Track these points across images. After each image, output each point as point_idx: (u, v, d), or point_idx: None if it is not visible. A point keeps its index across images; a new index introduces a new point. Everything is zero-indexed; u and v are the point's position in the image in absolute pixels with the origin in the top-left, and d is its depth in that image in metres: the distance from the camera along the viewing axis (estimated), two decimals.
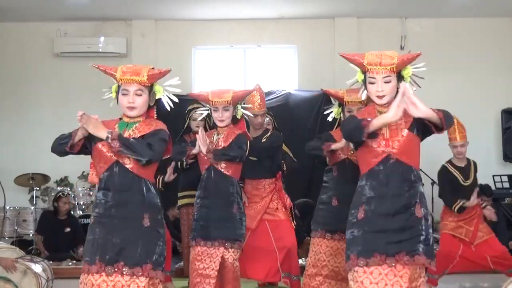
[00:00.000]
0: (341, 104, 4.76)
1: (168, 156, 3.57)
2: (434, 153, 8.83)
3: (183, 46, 10.02)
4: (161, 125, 3.39)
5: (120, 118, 3.46)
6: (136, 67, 3.40)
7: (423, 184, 3.42)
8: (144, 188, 3.32)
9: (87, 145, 3.38)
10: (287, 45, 10.15)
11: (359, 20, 9.90)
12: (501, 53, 10.03)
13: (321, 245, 4.93)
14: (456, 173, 6.06)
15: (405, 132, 3.26)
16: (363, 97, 3.55)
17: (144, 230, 3.27)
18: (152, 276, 3.24)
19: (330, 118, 4.89)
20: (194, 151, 4.57)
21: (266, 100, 8.42)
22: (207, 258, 4.53)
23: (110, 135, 3.16)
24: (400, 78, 3.34)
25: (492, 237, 6.07)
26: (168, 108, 3.57)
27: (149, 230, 3.28)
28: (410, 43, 9.89)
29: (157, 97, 3.49)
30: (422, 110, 3.04)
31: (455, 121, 6.03)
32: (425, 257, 3.19)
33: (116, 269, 3.20)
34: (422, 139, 3.34)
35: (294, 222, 6.32)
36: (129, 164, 3.27)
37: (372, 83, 3.30)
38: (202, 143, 4.42)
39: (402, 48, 9.87)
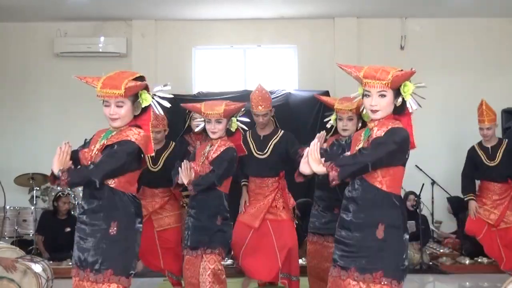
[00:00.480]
0: None
1: (141, 168, 3.61)
2: (434, 154, 8.88)
3: (183, 46, 10.02)
4: (131, 135, 3.39)
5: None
6: (117, 78, 3.39)
7: (401, 206, 3.36)
8: (116, 198, 3.38)
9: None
10: (287, 45, 10.16)
11: (359, 20, 9.91)
12: (501, 53, 10.04)
13: (307, 246, 5.22)
14: (481, 154, 6.16)
15: None
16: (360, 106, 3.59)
17: (109, 238, 3.34)
18: (113, 281, 3.30)
19: (328, 125, 4.90)
20: (179, 181, 4.67)
21: None
22: (192, 267, 4.70)
23: (61, 170, 3.29)
24: (399, 94, 3.29)
25: None
26: (157, 113, 3.61)
27: (115, 238, 3.34)
28: (410, 43, 9.93)
29: (144, 105, 3.49)
30: (314, 169, 3.21)
31: (484, 105, 6.22)
32: (383, 277, 3.15)
33: (85, 275, 3.33)
34: (401, 164, 3.28)
35: (296, 221, 6.35)
36: None
37: (367, 96, 3.29)
38: (184, 176, 4.55)
39: (402, 48, 9.90)
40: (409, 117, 3.36)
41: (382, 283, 3.13)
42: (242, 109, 4.92)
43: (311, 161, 3.20)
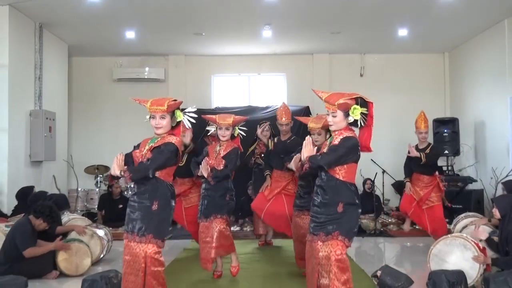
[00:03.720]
0: None
1: (177, 164, 3.52)
2: (384, 151, 8.88)
3: (205, 74, 10.02)
4: (172, 139, 3.40)
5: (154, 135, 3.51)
6: (161, 100, 3.42)
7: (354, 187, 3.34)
8: (158, 184, 3.36)
9: None
10: (279, 73, 10.13)
11: (331, 55, 9.91)
12: (432, 79, 10.05)
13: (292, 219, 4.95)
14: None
15: None
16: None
17: (151, 212, 3.33)
18: (152, 243, 3.33)
19: None
20: (199, 173, 4.65)
21: (265, 113, 8.47)
22: (206, 230, 4.76)
23: (123, 170, 3.25)
24: (348, 114, 3.29)
25: (439, 205, 6.07)
26: (188, 127, 3.58)
27: (155, 212, 3.33)
28: (367, 72, 9.94)
29: (178, 120, 3.49)
30: (304, 156, 3.28)
31: (422, 114, 6.15)
32: (339, 235, 3.21)
33: (133, 237, 3.36)
34: (353, 161, 3.30)
35: None
36: None
37: (328, 114, 3.36)
38: (204, 170, 4.54)
39: (361, 75, 9.92)
40: (369, 128, 3.35)
41: (338, 239, 3.22)
42: (243, 122, 4.91)
43: (305, 151, 3.26)
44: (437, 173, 6.21)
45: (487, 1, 6.98)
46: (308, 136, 3.39)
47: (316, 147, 3.55)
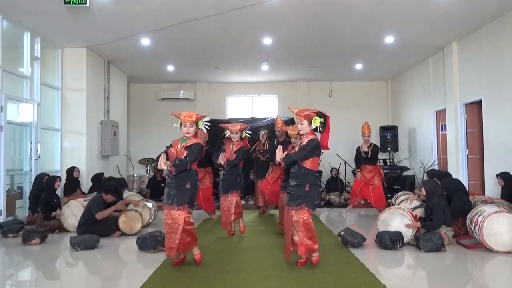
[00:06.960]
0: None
1: (201, 156, 3.49)
2: (346, 148, 8.83)
3: (222, 95, 9.99)
4: (197, 140, 3.39)
5: (182, 137, 3.46)
6: (190, 114, 3.40)
7: (320, 174, 3.34)
8: (190, 171, 3.33)
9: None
10: (273, 94, 10.09)
11: (308, 82, 9.86)
12: (379, 98, 9.98)
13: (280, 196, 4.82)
14: (362, 152, 6.07)
15: None
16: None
17: (186, 190, 3.30)
18: (186, 210, 3.30)
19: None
20: (218, 162, 4.60)
21: (263, 122, 8.45)
22: (226, 202, 4.70)
23: (168, 167, 3.23)
24: (310, 123, 3.29)
25: (379, 186, 6.02)
26: (205, 131, 3.55)
27: (188, 190, 3.30)
28: (334, 93, 9.90)
29: (199, 127, 3.45)
30: (278, 159, 3.25)
31: (366, 123, 6.01)
32: (305, 207, 3.25)
33: (172, 207, 3.34)
34: (316, 155, 3.31)
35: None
36: None
37: (297, 123, 3.38)
38: (221, 160, 4.53)
39: (330, 96, 9.88)
40: (326, 133, 3.34)
41: (304, 209, 3.24)
42: (247, 128, 4.86)
43: (278, 156, 3.28)
44: (378, 163, 6.18)
45: (416, 44, 6.96)
46: (280, 146, 3.38)
47: (290, 148, 3.53)
